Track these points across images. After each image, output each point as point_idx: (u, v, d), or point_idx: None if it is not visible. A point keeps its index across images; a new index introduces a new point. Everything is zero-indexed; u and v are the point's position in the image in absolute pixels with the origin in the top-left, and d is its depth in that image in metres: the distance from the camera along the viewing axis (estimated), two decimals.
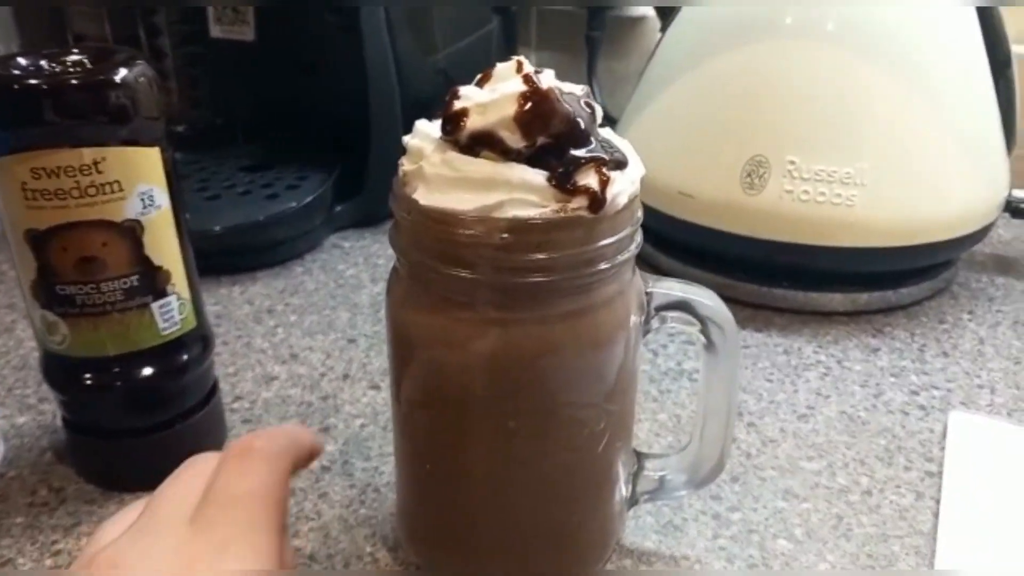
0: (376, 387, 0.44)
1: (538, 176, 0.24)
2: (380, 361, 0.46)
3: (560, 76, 0.26)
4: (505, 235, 0.24)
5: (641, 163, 0.26)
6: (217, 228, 0.54)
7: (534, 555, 0.30)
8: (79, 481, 0.37)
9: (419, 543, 0.32)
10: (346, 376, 0.45)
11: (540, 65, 0.26)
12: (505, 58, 0.26)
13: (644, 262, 0.56)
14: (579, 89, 0.26)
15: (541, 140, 0.24)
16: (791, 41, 0.49)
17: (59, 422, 0.38)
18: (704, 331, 0.29)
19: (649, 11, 0.79)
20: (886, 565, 0.33)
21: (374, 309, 0.52)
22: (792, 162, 0.48)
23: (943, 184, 0.49)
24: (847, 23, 0.48)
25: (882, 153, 0.48)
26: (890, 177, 0.48)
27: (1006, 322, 0.52)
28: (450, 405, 0.27)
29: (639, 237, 0.27)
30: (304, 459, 0.26)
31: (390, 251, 0.28)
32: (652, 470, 0.33)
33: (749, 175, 0.49)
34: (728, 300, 0.30)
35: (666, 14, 0.57)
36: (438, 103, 0.26)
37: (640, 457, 0.33)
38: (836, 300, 0.52)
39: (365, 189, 0.62)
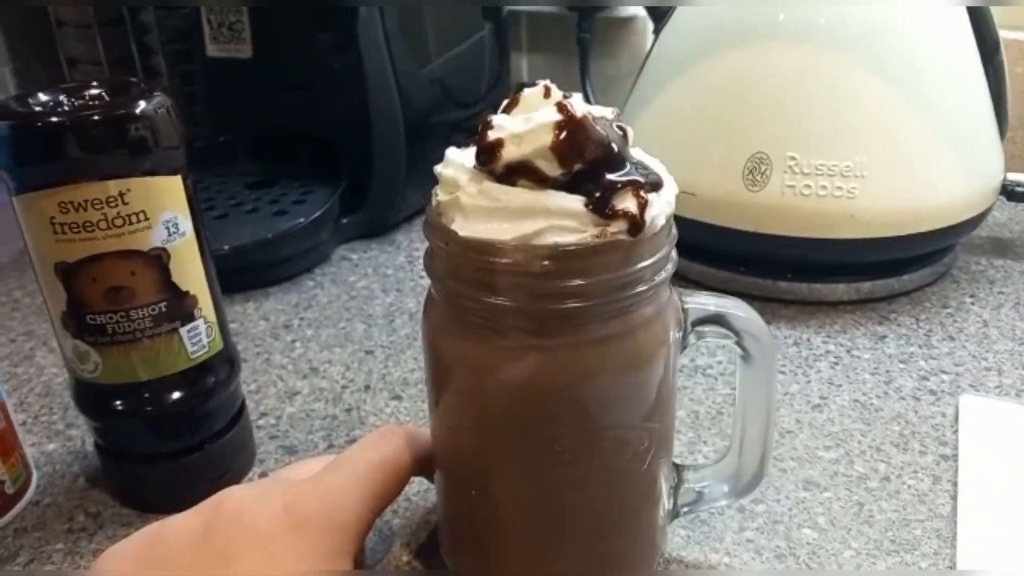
0: (398, 397, 0.45)
1: (576, 202, 0.24)
2: (399, 371, 0.47)
3: (553, 79, 0.27)
4: (546, 262, 0.24)
5: (674, 182, 0.27)
6: (227, 247, 0.55)
7: (586, 574, 0.30)
8: (115, 505, 0.37)
9: (462, 558, 0.33)
10: (367, 387, 0.46)
11: (532, 69, 0.27)
12: (498, 64, 0.27)
13: None
14: (609, 112, 0.27)
15: (577, 167, 0.24)
16: (785, 40, 0.50)
17: (90, 447, 0.39)
18: (740, 343, 0.30)
19: (639, 11, 0.80)
20: (909, 549, 0.34)
21: (388, 320, 0.52)
22: (793, 158, 0.49)
23: (940, 172, 0.50)
24: (838, 21, 0.49)
25: (879, 145, 0.49)
26: (888, 168, 0.49)
27: (1008, 304, 0.53)
28: (492, 430, 0.28)
29: (675, 256, 0.27)
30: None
31: (398, 260, 0.29)
32: (692, 482, 0.33)
33: (751, 172, 0.50)
34: (738, 295, 0.31)
35: (659, 16, 0.58)
36: (436, 111, 0.27)
37: (680, 470, 0.33)
38: (840, 290, 0.53)
39: (369, 200, 0.62)
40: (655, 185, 0.26)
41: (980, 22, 0.52)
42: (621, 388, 0.27)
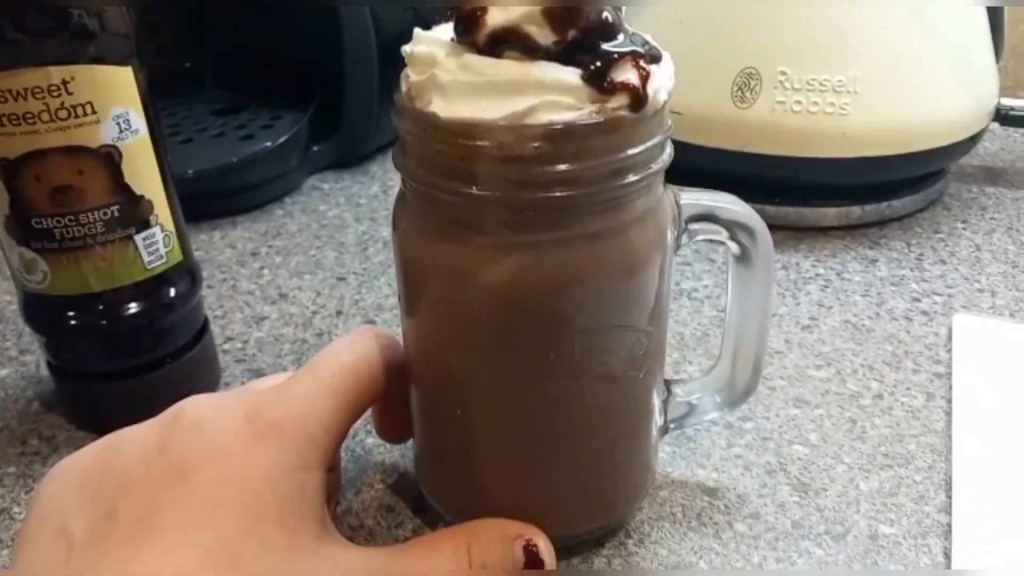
0: (371, 321, 0.43)
1: (572, 75, 0.21)
2: (373, 297, 0.45)
3: None
4: (539, 143, 0.21)
5: (670, 57, 0.24)
6: (191, 172, 0.52)
7: (582, 498, 0.28)
8: (70, 428, 0.35)
9: (445, 490, 0.30)
10: (339, 312, 0.44)
11: None
12: None
13: None
14: None
15: (571, 34, 0.22)
16: None
17: (44, 370, 0.36)
18: (735, 238, 0.28)
19: None
20: (903, 463, 0.33)
21: (361, 248, 0.50)
22: (783, 72, 0.47)
23: (934, 91, 0.48)
24: None
25: (873, 61, 0.47)
26: (882, 84, 0.47)
27: (1000, 229, 0.51)
28: (475, 342, 0.25)
29: (670, 146, 0.25)
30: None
31: (372, 190, 0.26)
32: (682, 396, 0.31)
33: (740, 88, 0.48)
34: None
35: None
36: (409, 39, 0.24)
37: (669, 384, 0.31)
38: (831, 215, 0.51)
39: (342, 128, 0.60)
40: (655, 57, 0.23)
41: None
42: (615, 290, 0.24)
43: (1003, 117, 0.55)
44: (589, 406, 0.26)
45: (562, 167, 0.22)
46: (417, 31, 0.24)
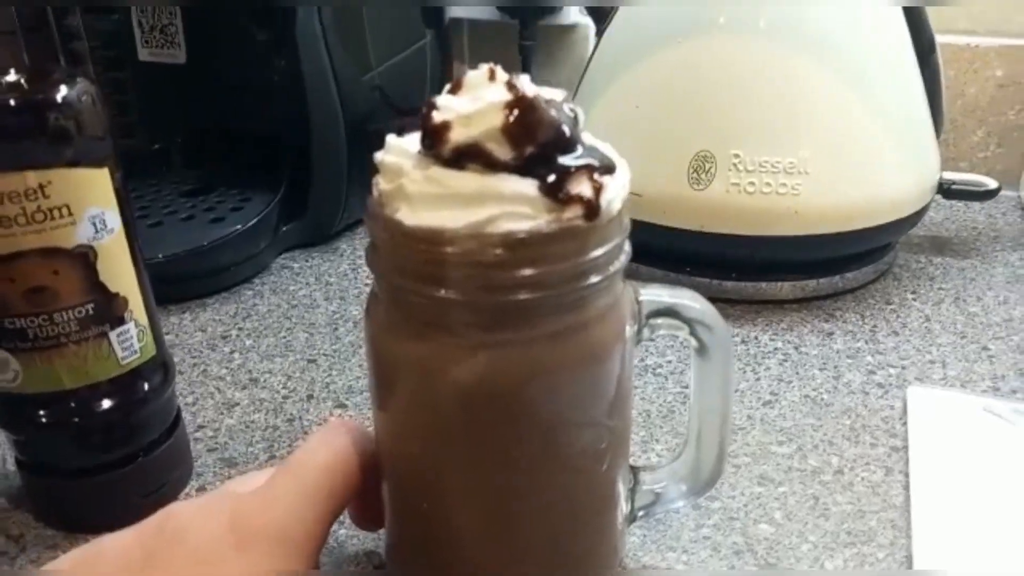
0: (342, 405, 0.43)
1: (530, 187, 0.23)
2: (343, 379, 0.45)
3: None
4: (499, 251, 0.23)
5: (627, 167, 0.26)
6: (161, 256, 0.53)
7: None
8: (38, 526, 0.35)
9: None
10: (310, 397, 0.44)
11: None
12: (441, 73, 0.25)
13: None
14: (559, 94, 0.25)
15: (529, 150, 0.23)
16: (727, 38, 0.50)
17: (11, 465, 0.36)
18: (694, 334, 0.29)
19: (581, 19, 0.80)
20: (865, 541, 0.34)
21: (331, 328, 0.51)
22: (736, 155, 0.49)
23: (881, 170, 0.51)
24: (779, 18, 0.49)
25: (822, 141, 0.49)
26: (831, 164, 0.49)
27: (948, 299, 0.53)
28: (443, 436, 0.26)
29: (628, 246, 0.26)
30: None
31: (341, 268, 0.27)
32: (649, 484, 0.32)
33: (696, 171, 0.50)
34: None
35: (601, 17, 0.58)
36: (376, 119, 0.25)
37: (635, 471, 0.32)
38: (787, 288, 0.53)
39: (310, 208, 0.61)
40: (609, 168, 0.25)
41: (916, 22, 0.53)
42: (578, 384, 0.26)
43: (945, 191, 0.58)
44: (553, 499, 0.27)
45: (523, 272, 0.23)
46: (389, 139, 0.26)
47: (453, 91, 0.25)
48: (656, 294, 0.29)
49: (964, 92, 0.69)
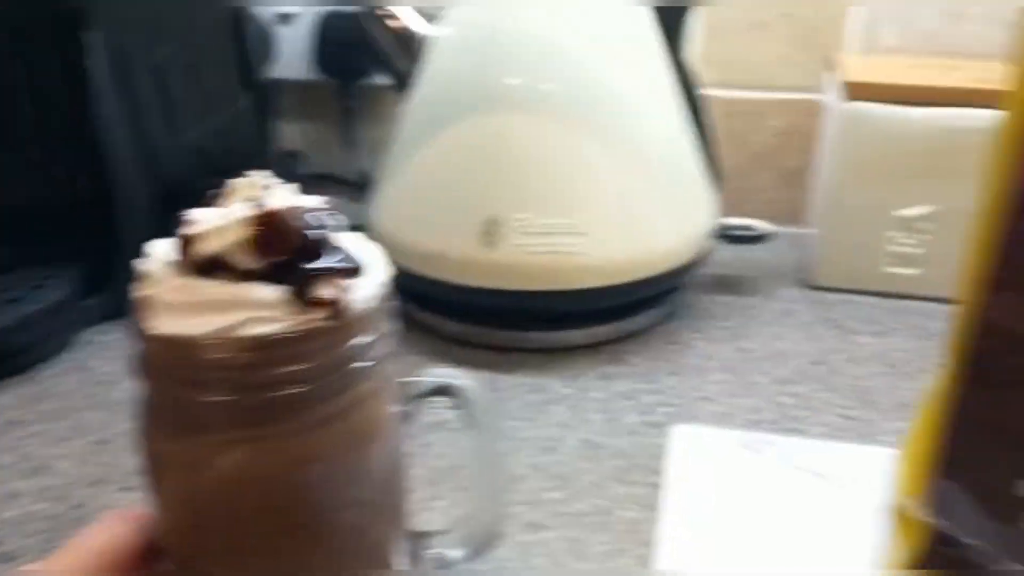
0: (128, 488, 0.43)
1: (276, 293, 0.25)
2: (134, 461, 0.45)
3: (320, 147, 0.27)
4: (250, 353, 0.24)
5: (386, 265, 0.28)
6: None
7: None
8: None
9: None
10: (99, 481, 0.44)
11: (301, 136, 0.27)
12: (262, 132, 0.27)
13: (405, 320, 0.58)
14: (320, 202, 0.27)
15: (275, 259, 0.25)
16: (512, 112, 0.54)
17: None
18: (462, 411, 0.32)
19: None
20: None
21: (130, 405, 0.51)
22: (522, 219, 0.52)
23: (656, 223, 0.55)
24: (560, 89, 0.54)
25: (600, 203, 0.53)
26: (609, 223, 0.53)
27: (727, 337, 0.59)
28: (212, 529, 0.27)
29: (392, 337, 0.28)
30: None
31: None
32: (432, 547, 0.34)
33: (486, 233, 0.53)
34: (484, 347, 0.33)
35: (402, 87, 0.61)
36: (194, 180, 0.26)
37: (419, 537, 0.34)
38: (578, 336, 0.57)
39: (113, 281, 0.60)
40: (355, 271, 0.27)
41: (686, 85, 0.59)
42: (344, 469, 0.27)
43: (727, 237, 0.64)
44: None
45: (275, 371, 0.25)
46: (150, 247, 0.27)
47: (219, 199, 0.27)
48: (424, 375, 0.31)
49: (748, 141, 0.76)
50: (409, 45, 0.58)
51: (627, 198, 0.54)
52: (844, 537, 0.38)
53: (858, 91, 0.59)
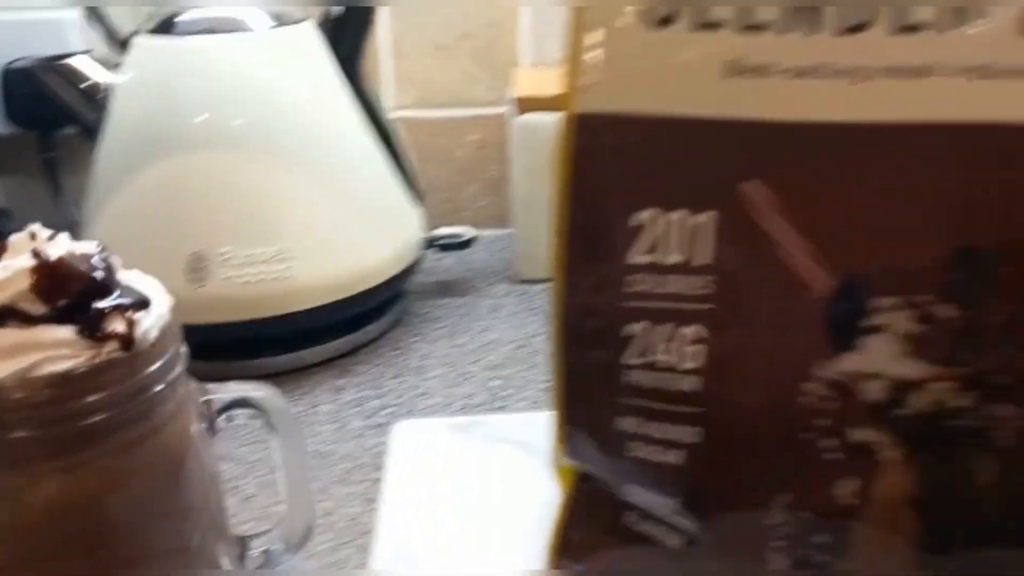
0: None
1: (68, 332, 0.27)
2: None
3: (28, 201, 0.29)
4: (48, 390, 0.27)
5: (167, 295, 0.31)
6: None
7: None
8: None
9: None
10: None
11: (7, 193, 0.29)
12: None
13: None
14: (93, 246, 0.30)
15: (61, 302, 0.27)
16: (202, 148, 0.56)
17: None
18: (264, 419, 0.35)
19: None
20: (340, 567, 0.40)
21: None
22: (226, 252, 0.54)
23: (357, 244, 0.59)
24: (249, 129, 0.56)
25: (301, 227, 0.57)
26: (313, 246, 0.57)
27: (444, 336, 0.64)
28: (29, 561, 0.28)
29: (182, 357, 0.31)
30: None
31: None
32: (255, 548, 0.37)
33: (193, 271, 0.54)
34: (220, 379, 0.35)
35: (91, 135, 0.60)
36: None
37: (243, 540, 0.37)
38: (308, 355, 0.60)
39: None
40: (142, 304, 0.29)
41: (374, 115, 0.63)
42: (156, 485, 0.30)
43: (437, 245, 0.70)
44: None
45: (75, 404, 0.27)
46: None
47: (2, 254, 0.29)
48: (224, 390, 0.34)
49: (452, 156, 0.82)
50: (91, 94, 0.58)
51: (327, 220, 0.58)
52: (542, 497, 0.45)
53: (526, 104, 0.67)
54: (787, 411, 0.30)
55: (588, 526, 0.36)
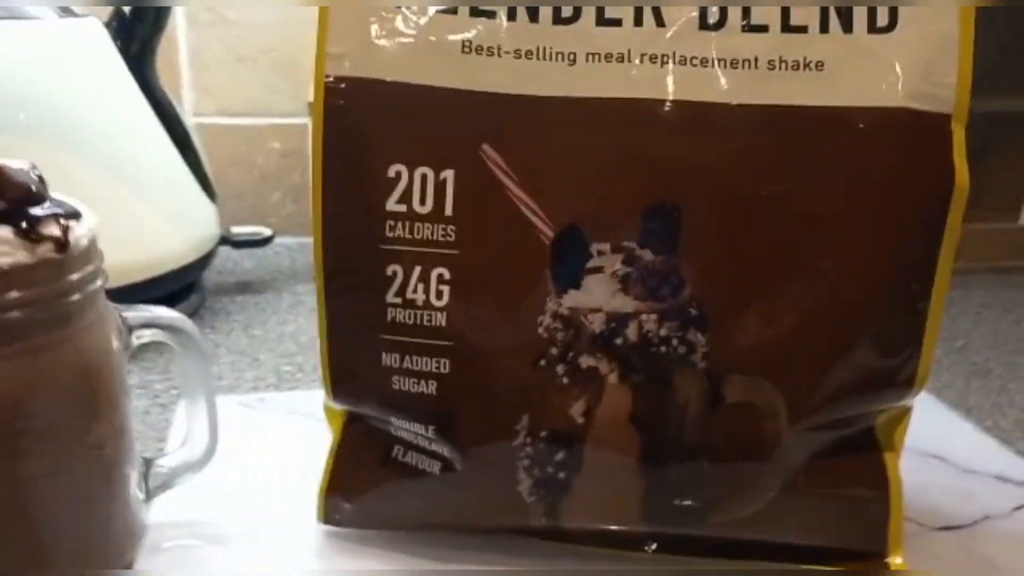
0: None
1: (7, 231, 0.29)
2: None
3: None
4: None
5: (93, 214, 0.33)
6: None
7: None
8: None
9: None
10: None
11: None
12: None
13: None
14: (25, 163, 0.31)
15: (1, 206, 0.29)
16: None
17: None
18: (173, 338, 0.37)
19: None
20: None
21: None
22: None
23: (150, 231, 0.61)
24: (38, 120, 0.56)
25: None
26: (102, 233, 0.57)
27: (239, 328, 0.66)
28: None
29: (104, 272, 0.33)
30: None
31: None
32: (159, 467, 0.38)
33: None
34: None
35: None
36: None
37: (148, 461, 0.38)
38: None
39: None
40: (75, 215, 0.32)
41: (169, 120, 0.65)
42: (72, 389, 0.31)
43: (232, 243, 0.71)
44: (63, 501, 0.32)
45: (9, 295, 0.28)
46: None
47: None
48: (136, 310, 0.36)
49: (255, 163, 0.84)
50: None
51: (112, 208, 0.58)
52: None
53: None
54: (524, 343, 0.35)
55: (357, 463, 0.40)
